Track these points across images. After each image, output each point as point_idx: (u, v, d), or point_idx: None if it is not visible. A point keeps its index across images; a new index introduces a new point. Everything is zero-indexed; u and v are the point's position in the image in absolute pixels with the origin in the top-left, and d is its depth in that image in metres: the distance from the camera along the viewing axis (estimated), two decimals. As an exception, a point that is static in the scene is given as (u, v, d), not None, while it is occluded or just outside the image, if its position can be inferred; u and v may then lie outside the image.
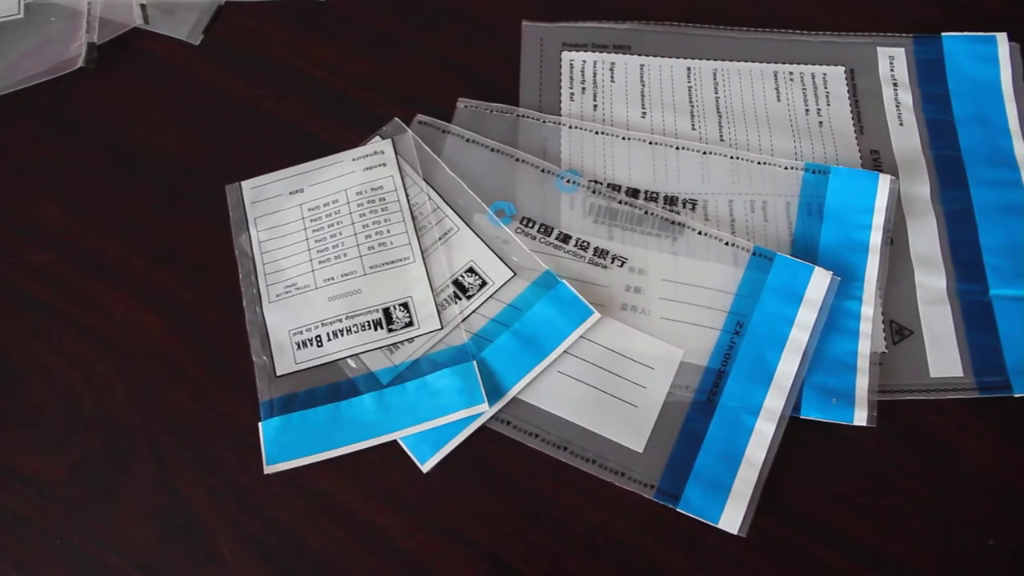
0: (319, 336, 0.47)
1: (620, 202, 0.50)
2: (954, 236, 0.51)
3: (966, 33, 0.56)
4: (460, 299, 0.48)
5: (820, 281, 0.47)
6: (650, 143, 0.52)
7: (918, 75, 0.55)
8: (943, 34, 0.56)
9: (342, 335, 0.47)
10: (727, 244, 0.49)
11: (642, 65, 0.54)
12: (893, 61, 0.56)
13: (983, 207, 0.51)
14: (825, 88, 0.55)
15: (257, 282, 0.49)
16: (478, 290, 0.48)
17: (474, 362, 0.46)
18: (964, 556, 0.45)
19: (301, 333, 0.47)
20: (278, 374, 0.47)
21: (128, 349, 0.48)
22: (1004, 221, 0.51)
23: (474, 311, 0.48)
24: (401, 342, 0.47)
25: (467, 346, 0.47)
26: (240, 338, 0.48)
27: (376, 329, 0.47)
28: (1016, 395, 0.47)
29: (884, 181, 0.50)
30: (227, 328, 0.48)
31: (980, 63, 0.55)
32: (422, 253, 0.49)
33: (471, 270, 0.49)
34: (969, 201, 0.52)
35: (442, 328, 0.47)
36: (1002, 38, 0.56)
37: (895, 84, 0.55)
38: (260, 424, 0.46)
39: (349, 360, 0.47)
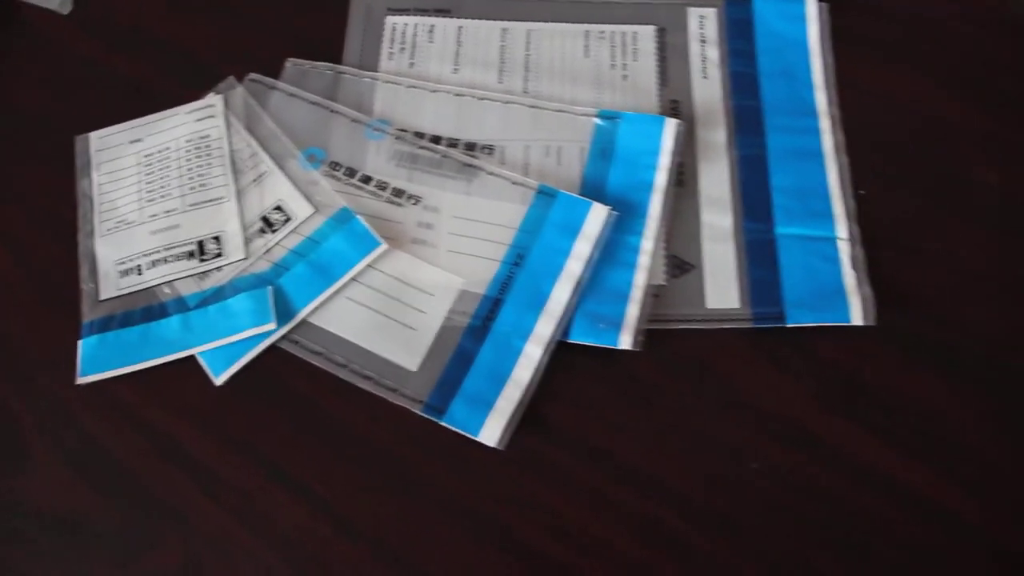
0: (140, 265, 0.51)
1: (421, 147, 0.53)
2: (745, 178, 0.53)
3: (776, -7, 0.58)
4: (266, 233, 0.52)
5: (597, 215, 0.50)
6: (456, 95, 0.55)
7: (727, 33, 0.58)
8: (753, -6, 0.59)
9: (160, 264, 0.51)
10: (515, 184, 0.51)
11: (460, 27, 0.58)
12: (704, 20, 0.58)
13: (777, 152, 0.53)
14: (634, 45, 0.57)
15: (92, 219, 0.53)
16: (283, 225, 0.52)
17: (269, 287, 0.50)
18: (727, 478, 0.46)
19: (124, 263, 0.52)
20: (101, 298, 0.51)
21: (-30, 277, 0.53)
22: (797, 165, 0.53)
23: (277, 243, 0.51)
24: (211, 271, 0.51)
25: (266, 274, 0.51)
26: (73, 269, 0.52)
27: (190, 259, 0.51)
28: (789, 325, 0.48)
29: (670, 125, 0.52)
30: (62, 260, 0.53)
31: (789, 22, 0.58)
32: (237, 193, 0.53)
33: (278, 207, 0.52)
34: (764, 147, 0.53)
35: (247, 258, 0.51)
36: None
37: (703, 41, 0.57)
38: (79, 342, 0.49)
39: (164, 287, 0.51)
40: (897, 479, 0.46)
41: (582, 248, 0.49)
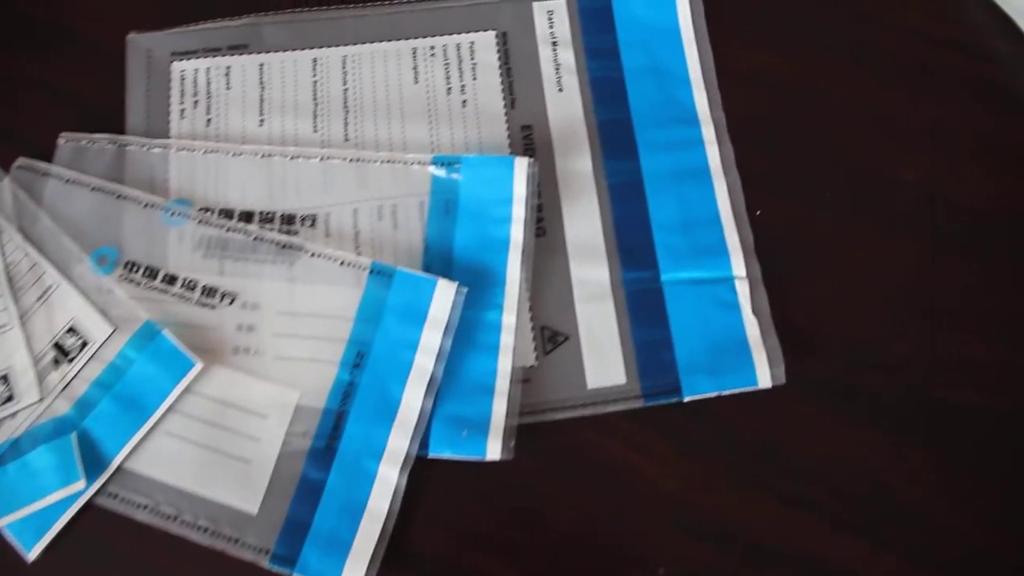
0: (-87, 418, 0.43)
1: (230, 229, 0.44)
2: (619, 215, 0.44)
3: (637, -30, 0.48)
4: (61, 363, 0.43)
5: (444, 295, 0.41)
6: (263, 156, 0.45)
7: (582, 29, 0.48)
8: (611, -26, 0.49)
9: None
10: (343, 264, 0.43)
11: (261, 64, 0.48)
12: (553, 16, 0.48)
13: (654, 176, 0.45)
14: (472, 59, 0.48)
15: None
16: (79, 351, 0.43)
17: (72, 435, 0.42)
18: (631, 591, 0.39)
19: None
20: None
21: None
22: (678, 189, 0.45)
23: (76, 375, 0.43)
24: (2, 419, 0.42)
25: (68, 416, 0.43)
26: None
27: None
28: (686, 399, 0.41)
29: (520, 166, 0.43)
30: None
31: (654, 7, 0.48)
32: (20, 317, 0.44)
33: (72, 329, 0.44)
34: (638, 172, 0.45)
35: (42, 400, 0.42)
36: None
37: (555, 43, 0.48)
38: None
39: None
40: (830, 561, 0.39)
41: (430, 338, 0.41)
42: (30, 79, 0.49)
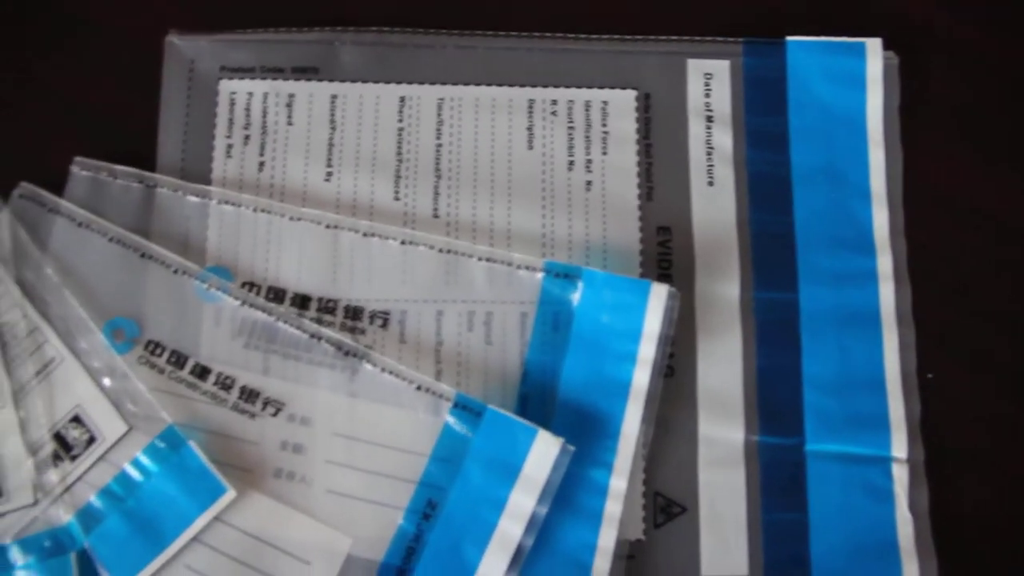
0: None
1: (280, 318, 0.35)
2: (766, 363, 0.37)
3: (823, 38, 0.37)
4: (62, 460, 0.35)
5: (545, 451, 0.34)
6: (328, 226, 0.35)
7: (746, 103, 0.38)
8: (788, 38, 0.37)
9: None
10: (420, 389, 0.34)
11: (334, 96, 0.38)
12: (710, 81, 0.38)
13: (813, 315, 0.37)
14: (603, 126, 0.38)
15: None
16: (84, 448, 0.35)
17: (72, 556, 0.35)
18: None
19: None
20: None
21: None
22: (840, 337, 0.36)
23: (79, 478, 0.35)
24: (-13, 519, 0.35)
25: (67, 529, 0.35)
26: None
27: None
28: (813, 604, 0.34)
29: (658, 295, 0.34)
30: None
31: (839, 83, 0.38)
32: (14, 395, 0.35)
33: (77, 419, 0.35)
34: (795, 307, 0.36)
35: (36, 503, 0.34)
36: (873, 47, 0.38)
37: (709, 117, 0.38)
38: None
39: None
40: None
41: (522, 501, 0.33)
42: (38, 81, 0.39)
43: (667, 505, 0.36)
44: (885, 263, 0.37)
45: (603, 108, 0.38)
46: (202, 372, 0.36)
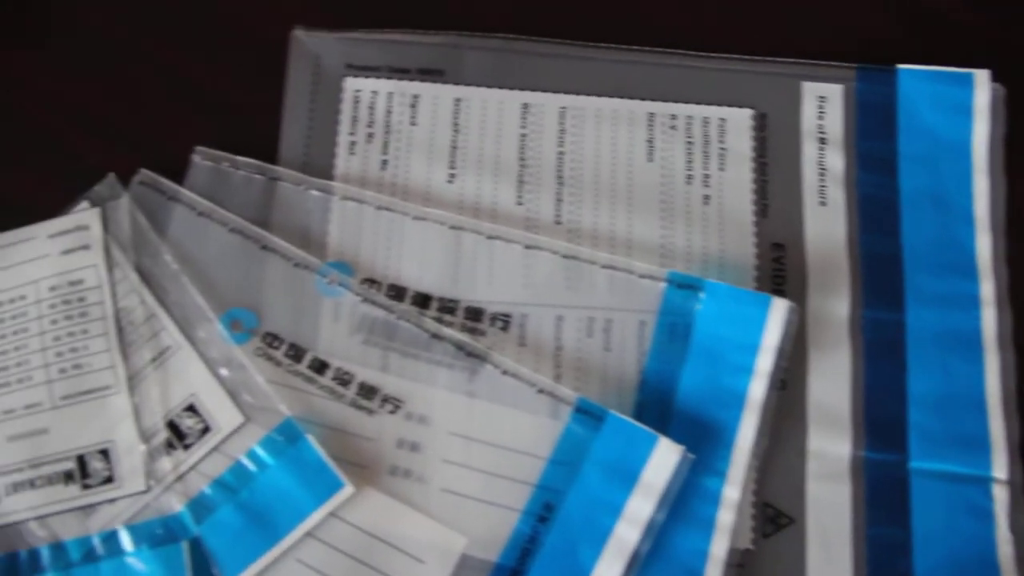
0: (-5, 490, 0.35)
1: (401, 316, 0.35)
2: (873, 380, 0.37)
3: (933, 67, 0.38)
4: (175, 449, 0.35)
5: (665, 458, 0.34)
6: (452, 227, 0.36)
7: (857, 127, 0.39)
8: (900, 67, 0.38)
9: (24, 490, 0.35)
10: (541, 392, 0.34)
11: (458, 100, 0.38)
12: (824, 105, 0.39)
13: (919, 336, 0.37)
14: (721, 142, 0.39)
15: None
16: (198, 437, 0.35)
17: (184, 544, 0.35)
18: None
19: (-28, 485, 0.35)
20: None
21: None
22: (944, 357, 0.37)
23: (192, 467, 0.35)
24: (100, 503, 0.34)
25: (179, 517, 0.35)
26: None
27: (67, 483, 0.36)
28: (921, 616, 0.34)
29: (778, 309, 0.35)
30: None
31: (947, 113, 0.39)
32: (128, 380, 0.35)
33: (192, 408, 0.35)
34: (902, 327, 0.37)
35: (148, 490, 0.34)
36: (981, 78, 0.39)
37: (822, 139, 0.39)
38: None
39: (33, 524, 0.35)
40: None
41: (640, 507, 0.34)
42: (163, 68, 0.39)
43: (776, 516, 0.36)
44: (987, 289, 0.38)
45: (720, 125, 0.39)
46: (320, 366, 0.36)
